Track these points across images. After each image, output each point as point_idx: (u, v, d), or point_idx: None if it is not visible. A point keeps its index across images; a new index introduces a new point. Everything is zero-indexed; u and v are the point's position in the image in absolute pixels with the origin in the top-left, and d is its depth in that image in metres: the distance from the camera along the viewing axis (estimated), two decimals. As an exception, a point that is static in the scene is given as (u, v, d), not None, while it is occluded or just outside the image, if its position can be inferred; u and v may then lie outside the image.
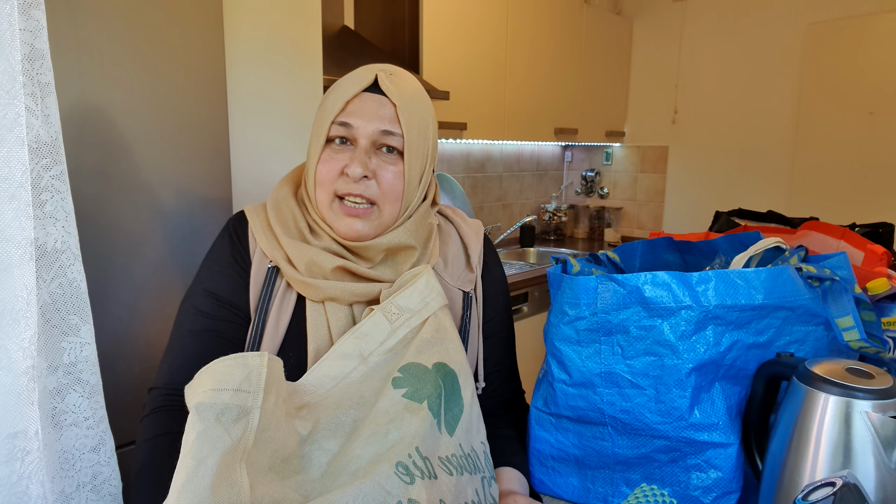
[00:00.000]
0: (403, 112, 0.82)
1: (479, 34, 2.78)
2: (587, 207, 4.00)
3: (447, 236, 0.96)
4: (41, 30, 0.74)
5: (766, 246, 0.97)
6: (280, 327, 0.84)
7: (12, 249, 0.69)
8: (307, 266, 0.83)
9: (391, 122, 0.82)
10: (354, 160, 0.80)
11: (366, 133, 0.81)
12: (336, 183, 0.82)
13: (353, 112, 0.82)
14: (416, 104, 0.85)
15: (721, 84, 3.45)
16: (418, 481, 0.64)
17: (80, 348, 0.77)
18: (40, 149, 0.73)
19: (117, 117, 1.31)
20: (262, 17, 1.66)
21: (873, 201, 3.02)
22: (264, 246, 0.86)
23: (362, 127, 0.81)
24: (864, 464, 0.66)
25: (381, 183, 0.82)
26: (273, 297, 0.85)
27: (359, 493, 0.61)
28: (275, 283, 0.85)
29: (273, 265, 0.86)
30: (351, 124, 0.81)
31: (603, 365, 0.85)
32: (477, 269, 0.94)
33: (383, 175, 0.82)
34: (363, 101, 0.82)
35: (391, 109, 0.82)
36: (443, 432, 0.71)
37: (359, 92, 0.82)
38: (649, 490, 0.76)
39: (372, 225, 0.84)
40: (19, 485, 0.71)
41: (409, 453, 0.66)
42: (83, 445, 0.79)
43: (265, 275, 0.86)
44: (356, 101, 0.82)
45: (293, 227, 0.86)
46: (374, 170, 0.82)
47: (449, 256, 0.94)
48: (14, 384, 0.70)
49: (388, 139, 0.82)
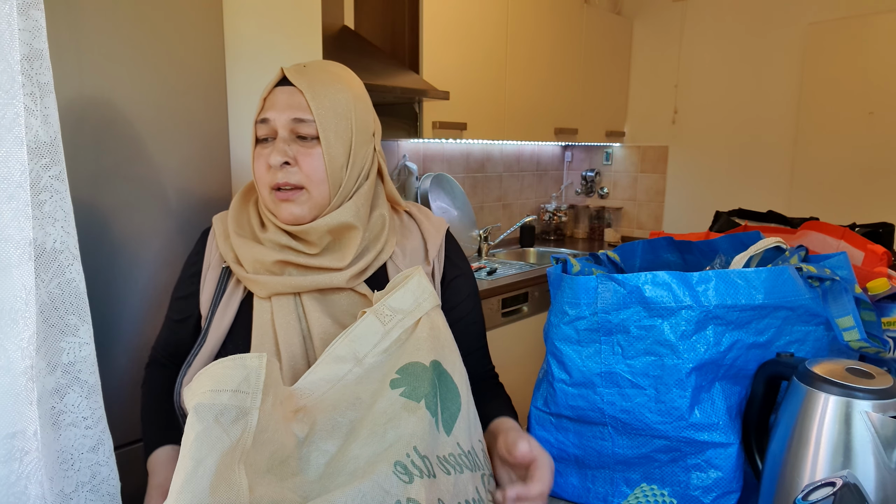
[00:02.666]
0: (312, 98, 0.86)
1: (479, 34, 2.78)
2: (587, 207, 4.00)
3: (409, 231, 1.01)
4: (40, 30, 0.73)
5: (767, 246, 0.97)
6: (224, 322, 0.91)
7: (11, 249, 0.69)
8: (251, 263, 0.89)
9: (301, 109, 0.86)
10: (273, 151, 0.86)
11: (281, 124, 0.86)
12: (267, 176, 0.88)
13: (268, 107, 0.88)
14: (328, 88, 0.88)
15: (721, 84, 3.44)
16: (417, 480, 0.64)
17: (78, 348, 0.77)
18: (39, 149, 0.73)
19: (117, 117, 1.31)
20: (262, 17, 1.66)
21: (873, 201, 3.02)
22: (223, 249, 0.93)
23: (276, 118, 0.86)
24: (864, 464, 0.66)
25: (302, 167, 0.87)
26: (223, 294, 0.92)
27: (357, 494, 0.60)
28: (227, 283, 0.93)
29: (225, 266, 0.94)
30: (268, 118, 0.87)
31: (603, 365, 0.85)
32: (435, 262, 0.99)
33: (303, 160, 0.87)
34: (275, 95, 0.88)
35: (301, 98, 0.86)
36: (440, 431, 0.71)
37: (271, 88, 0.88)
38: (649, 490, 0.76)
39: (305, 207, 0.88)
40: (18, 485, 0.71)
41: (408, 453, 0.66)
42: (82, 445, 0.79)
43: (219, 275, 0.94)
44: (270, 97, 0.88)
45: (246, 226, 0.93)
46: (294, 156, 0.87)
47: (408, 249, 0.98)
48: (12, 384, 0.70)
49: (302, 127, 0.86)
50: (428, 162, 3.14)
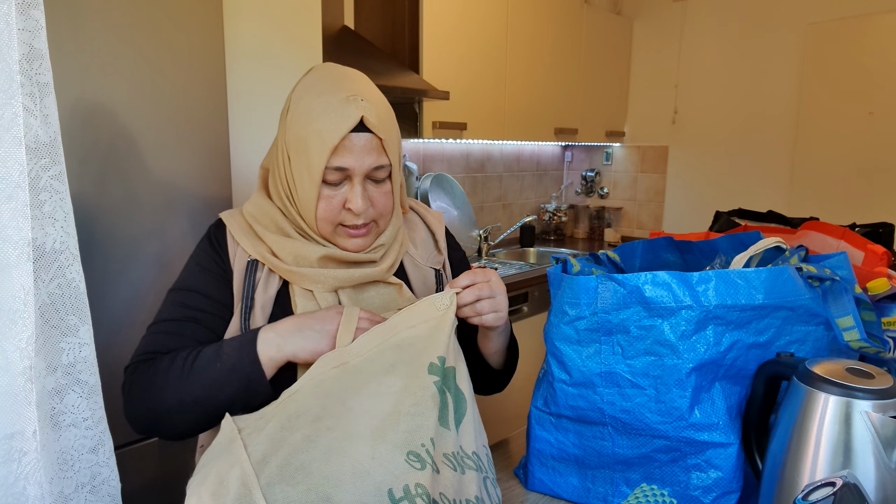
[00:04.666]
0: (388, 143, 0.87)
1: (479, 34, 2.78)
2: (587, 207, 4.00)
3: (414, 224, 1.07)
4: (40, 30, 0.73)
5: (767, 246, 0.97)
6: (265, 312, 0.91)
7: (10, 250, 0.69)
8: (294, 257, 0.90)
9: (379, 154, 0.87)
10: (356, 196, 0.87)
11: (360, 172, 0.86)
12: (339, 216, 0.89)
13: (344, 155, 0.85)
14: (392, 124, 0.90)
15: (721, 84, 3.44)
16: (428, 469, 0.67)
17: (78, 349, 0.77)
18: (39, 149, 0.73)
19: (117, 117, 1.31)
20: (262, 17, 1.66)
21: (873, 201, 3.02)
22: (245, 243, 0.92)
23: (357, 167, 0.86)
24: (864, 464, 0.66)
25: (376, 206, 0.90)
26: (256, 286, 0.92)
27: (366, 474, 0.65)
28: (256, 274, 0.92)
29: (252, 259, 0.92)
30: (346, 167, 0.86)
31: (603, 365, 0.84)
32: (444, 251, 1.07)
33: (378, 199, 0.90)
34: (351, 141, 0.85)
35: (377, 142, 0.87)
36: (451, 428, 0.73)
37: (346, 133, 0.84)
38: (649, 490, 0.76)
39: (371, 237, 0.93)
40: (16, 486, 0.71)
41: (423, 443, 0.68)
42: (82, 446, 0.78)
43: (245, 269, 0.92)
44: (346, 143, 0.84)
45: (271, 224, 0.93)
46: (372, 197, 0.90)
47: (418, 241, 1.05)
48: (11, 385, 0.69)
49: (379, 172, 0.88)
50: (428, 162, 3.14)
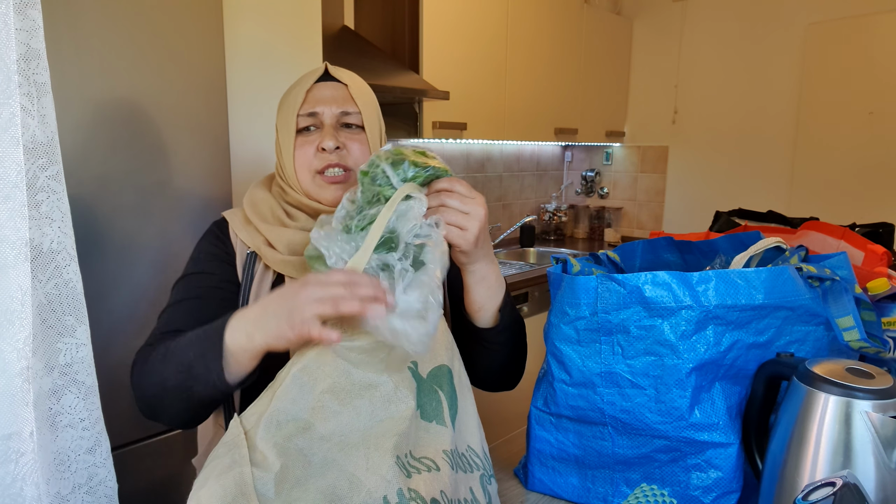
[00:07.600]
0: (356, 92, 0.94)
1: (479, 34, 2.78)
2: (587, 207, 3.99)
3: None
4: (37, 29, 0.73)
5: (767, 246, 0.96)
6: None
7: (7, 250, 0.69)
8: (287, 246, 0.92)
9: (348, 102, 0.93)
10: (325, 136, 0.91)
11: (329, 115, 0.92)
12: (313, 161, 0.92)
13: (314, 100, 0.92)
14: (364, 86, 0.97)
15: (721, 84, 3.44)
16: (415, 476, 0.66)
17: (76, 349, 0.77)
18: (36, 149, 0.73)
19: (116, 117, 1.31)
20: (262, 17, 1.66)
21: (873, 201, 3.02)
22: (244, 236, 0.95)
23: (325, 111, 0.92)
24: (864, 464, 0.66)
25: (350, 152, 0.93)
26: (253, 278, 0.94)
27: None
28: (254, 267, 0.95)
29: (251, 251, 0.95)
30: (315, 111, 0.92)
31: (603, 365, 0.84)
32: None
33: (352, 146, 0.93)
34: (320, 89, 0.93)
35: (345, 91, 0.94)
36: (447, 426, 0.73)
37: (314, 82, 0.93)
38: (649, 490, 0.75)
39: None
40: (14, 486, 0.71)
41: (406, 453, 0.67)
42: (79, 447, 0.78)
43: (245, 261, 0.95)
44: (314, 90, 0.93)
45: (270, 217, 0.95)
46: (343, 142, 0.92)
47: None
48: (8, 385, 0.69)
49: (349, 117, 0.94)
50: (428, 162, 3.14)
